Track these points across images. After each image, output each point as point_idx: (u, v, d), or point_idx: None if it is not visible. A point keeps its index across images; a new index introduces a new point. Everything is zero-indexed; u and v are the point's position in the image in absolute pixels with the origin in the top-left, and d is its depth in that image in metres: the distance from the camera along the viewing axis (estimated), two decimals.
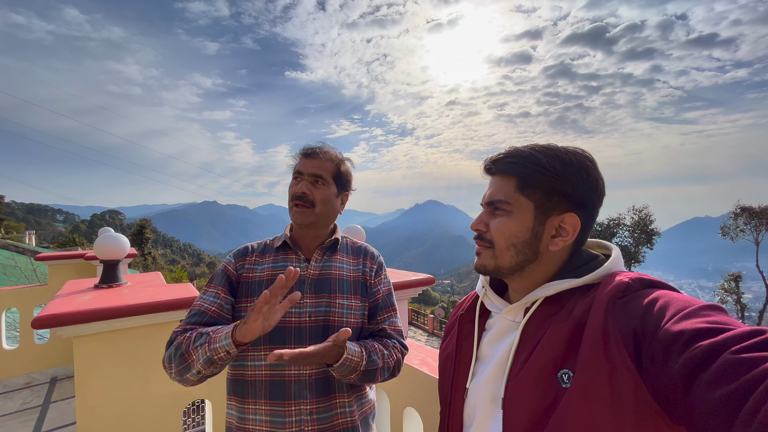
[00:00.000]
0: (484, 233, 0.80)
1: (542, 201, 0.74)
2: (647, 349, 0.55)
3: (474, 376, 0.82)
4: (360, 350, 1.04)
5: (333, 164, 1.18)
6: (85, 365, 1.68)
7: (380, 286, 1.23)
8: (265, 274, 1.14)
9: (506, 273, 0.78)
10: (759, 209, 22.70)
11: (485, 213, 0.81)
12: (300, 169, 1.16)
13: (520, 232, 0.75)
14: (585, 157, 0.75)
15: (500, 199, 0.77)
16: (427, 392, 1.63)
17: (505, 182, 0.77)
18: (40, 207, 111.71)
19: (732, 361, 0.45)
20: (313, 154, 1.16)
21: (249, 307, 1.07)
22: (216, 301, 1.09)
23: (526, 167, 0.74)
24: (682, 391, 0.50)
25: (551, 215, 0.74)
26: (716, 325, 0.51)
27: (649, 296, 0.60)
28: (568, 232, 0.74)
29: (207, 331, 0.97)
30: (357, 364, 1.01)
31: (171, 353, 0.99)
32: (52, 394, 3.43)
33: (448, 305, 35.11)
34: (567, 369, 0.63)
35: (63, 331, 1.60)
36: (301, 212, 1.13)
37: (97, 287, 2.13)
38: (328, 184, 1.16)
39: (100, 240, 2.26)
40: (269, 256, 1.18)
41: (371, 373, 1.05)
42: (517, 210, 0.75)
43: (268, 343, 1.07)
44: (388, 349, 1.13)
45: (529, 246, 0.75)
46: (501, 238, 0.76)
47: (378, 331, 1.18)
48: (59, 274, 4.21)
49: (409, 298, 2.45)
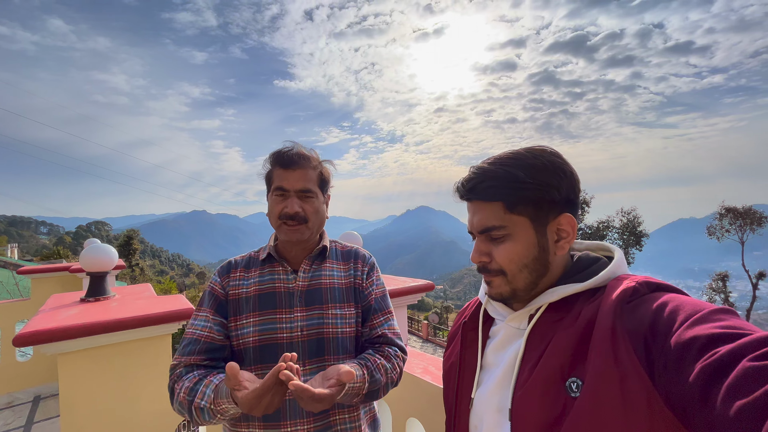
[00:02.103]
0: (488, 263, 0.76)
1: (535, 213, 0.72)
2: (659, 355, 0.53)
3: (479, 385, 0.79)
4: (362, 373, 0.96)
5: (316, 172, 1.10)
6: (70, 384, 1.60)
7: (373, 287, 1.16)
8: (252, 290, 1.08)
9: (523, 295, 0.75)
10: (743, 210, 23.29)
11: (482, 242, 0.76)
12: (284, 185, 1.05)
13: (528, 251, 0.72)
14: (552, 154, 0.74)
15: (495, 225, 0.73)
16: (430, 401, 1.59)
17: (490, 207, 0.74)
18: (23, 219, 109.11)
19: (752, 369, 0.43)
20: (294, 163, 1.05)
21: (239, 325, 1.04)
22: (206, 324, 1.04)
23: (507, 188, 0.71)
24: (700, 401, 0.47)
25: (548, 223, 0.73)
26: (731, 330, 0.48)
27: (658, 300, 0.58)
28: (568, 233, 0.73)
29: (208, 402, 0.90)
30: (359, 389, 0.94)
31: (177, 408, 0.96)
32: (35, 414, 3.29)
33: (441, 311, 35.07)
34: (575, 377, 0.61)
35: (47, 349, 1.52)
36: (296, 230, 1.06)
37: (84, 301, 2.05)
38: (316, 195, 1.09)
39: (87, 251, 2.17)
40: (255, 270, 1.12)
41: (375, 393, 1.00)
42: (516, 230, 0.72)
43: (259, 361, 1.02)
44: (390, 361, 1.06)
45: (540, 261, 0.73)
46: (511, 264, 0.73)
47: (377, 337, 1.11)
48: (43, 288, 4.07)
49: (408, 305, 2.41)
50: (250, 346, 1.02)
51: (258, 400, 0.77)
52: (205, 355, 1.01)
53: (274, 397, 0.78)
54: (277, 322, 1.04)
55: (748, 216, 23.12)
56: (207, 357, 1.01)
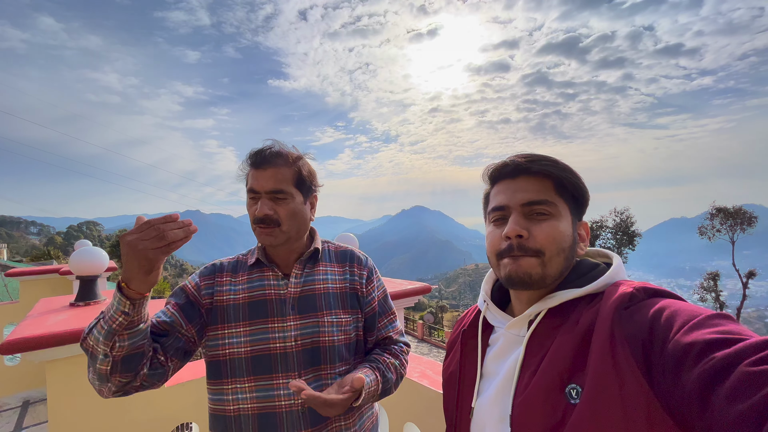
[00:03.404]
0: (526, 240, 0.71)
1: (574, 205, 0.75)
2: (657, 361, 0.53)
3: (479, 394, 0.79)
4: (375, 376, 0.98)
5: (291, 170, 1.01)
6: (59, 391, 1.56)
7: (375, 293, 1.13)
8: (241, 297, 1.01)
9: (549, 282, 0.72)
10: (734, 210, 23.62)
11: (521, 217, 0.72)
12: (253, 186, 0.99)
13: (569, 236, 0.72)
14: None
15: (545, 200, 0.72)
16: (427, 406, 1.58)
17: (540, 183, 0.73)
18: (13, 219, 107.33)
19: (749, 374, 0.43)
20: (264, 162, 0.99)
21: (229, 334, 0.98)
22: (161, 317, 0.97)
23: (562, 170, 0.73)
24: (698, 406, 0.47)
25: (577, 221, 0.76)
26: (728, 335, 0.49)
27: (656, 306, 0.58)
28: (584, 239, 0.76)
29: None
30: (375, 392, 0.96)
31: (90, 374, 0.86)
32: (24, 419, 3.23)
33: (436, 310, 35.14)
34: (575, 384, 0.60)
35: (34, 356, 1.48)
36: (268, 233, 0.99)
37: (73, 305, 2.00)
38: (291, 196, 1.01)
39: (77, 254, 2.12)
40: (243, 275, 1.05)
41: (388, 390, 1.04)
42: (561, 212, 0.73)
43: (251, 374, 0.97)
44: (398, 357, 1.10)
45: (572, 251, 0.74)
46: (552, 243, 0.70)
47: (383, 339, 1.12)
48: (32, 291, 4.00)
49: (405, 307, 2.39)
50: (242, 357, 0.97)
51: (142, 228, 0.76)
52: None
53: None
54: (269, 331, 0.99)
55: (739, 216, 23.46)
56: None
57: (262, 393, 0.96)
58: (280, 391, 0.96)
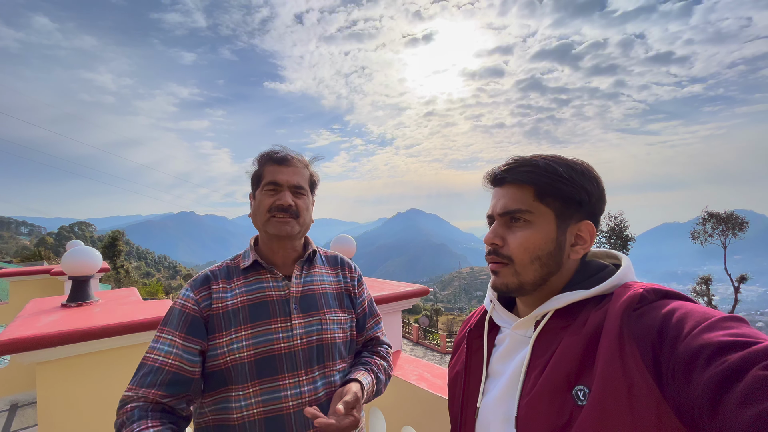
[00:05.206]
0: (500, 248, 0.74)
1: (562, 209, 0.72)
2: (667, 363, 0.52)
3: (485, 394, 0.78)
4: (370, 378, 1.06)
5: (307, 171, 1.12)
6: (49, 394, 1.52)
7: (364, 295, 1.22)
8: (239, 302, 0.99)
9: (530, 289, 0.74)
10: (725, 215, 23.93)
11: (499, 225, 0.76)
12: (277, 179, 1.04)
13: (545, 243, 0.72)
14: (591, 167, 0.75)
15: (519, 209, 0.73)
16: (425, 409, 1.56)
17: (519, 191, 0.74)
18: (3, 219, 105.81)
19: (763, 378, 0.43)
20: (287, 160, 1.07)
21: (229, 341, 0.95)
22: (173, 351, 0.91)
23: (543, 176, 0.72)
24: (709, 410, 0.46)
25: (570, 224, 0.73)
26: (741, 338, 0.48)
27: (666, 307, 0.58)
28: (585, 240, 0.73)
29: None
30: (371, 393, 1.05)
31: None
32: (12, 423, 3.16)
33: (431, 313, 35.10)
34: (582, 385, 0.61)
35: (24, 358, 1.44)
36: (286, 223, 1.03)
37: (65, 306, 1.96)
38: (307, 194, 1.10)
39: (69, 254, 2.08)
40: (238, 280, 1.03)
41: (378, 392, 1.11)
42: (539, 220, 0.72)
43: (257, 377, 0.94)
44: (386, 359, 1.17)
45: (554, 258, 0.72)
46: (524, 252, 0.72)
47: (371, 339, 1.20)
48: (22, 292, 3.94)
49: (402, 309, 2.38)
50: (245, 361, 0.94)
51: None
52: (168, 390, 0.88)
53: None
54: (273, 332, 0.98)
55: (730, 221, 23.79)
56: (170, 392, 0.88)
57: (269, 396, 0.94)
58: (288, 391, 0.96)
